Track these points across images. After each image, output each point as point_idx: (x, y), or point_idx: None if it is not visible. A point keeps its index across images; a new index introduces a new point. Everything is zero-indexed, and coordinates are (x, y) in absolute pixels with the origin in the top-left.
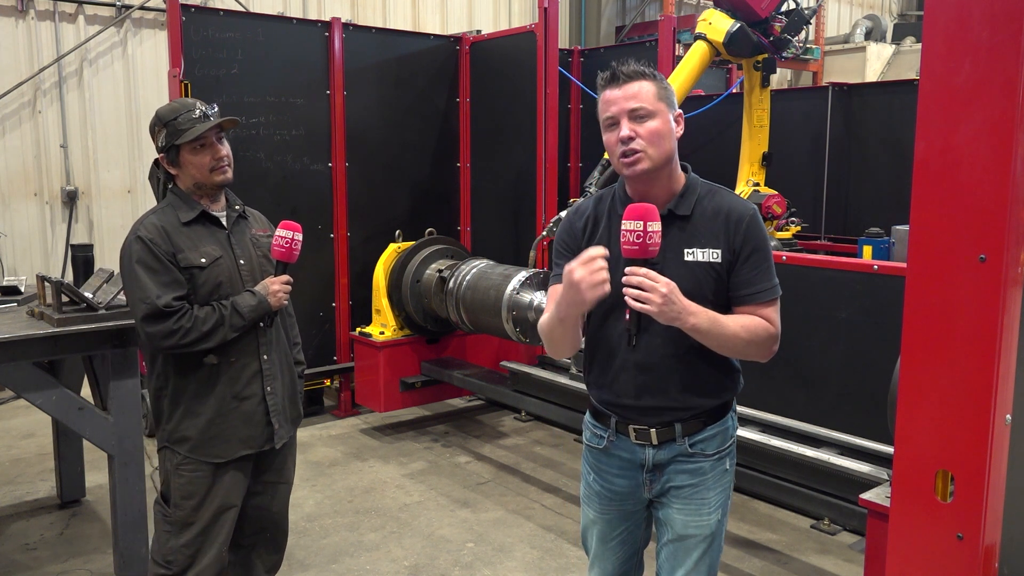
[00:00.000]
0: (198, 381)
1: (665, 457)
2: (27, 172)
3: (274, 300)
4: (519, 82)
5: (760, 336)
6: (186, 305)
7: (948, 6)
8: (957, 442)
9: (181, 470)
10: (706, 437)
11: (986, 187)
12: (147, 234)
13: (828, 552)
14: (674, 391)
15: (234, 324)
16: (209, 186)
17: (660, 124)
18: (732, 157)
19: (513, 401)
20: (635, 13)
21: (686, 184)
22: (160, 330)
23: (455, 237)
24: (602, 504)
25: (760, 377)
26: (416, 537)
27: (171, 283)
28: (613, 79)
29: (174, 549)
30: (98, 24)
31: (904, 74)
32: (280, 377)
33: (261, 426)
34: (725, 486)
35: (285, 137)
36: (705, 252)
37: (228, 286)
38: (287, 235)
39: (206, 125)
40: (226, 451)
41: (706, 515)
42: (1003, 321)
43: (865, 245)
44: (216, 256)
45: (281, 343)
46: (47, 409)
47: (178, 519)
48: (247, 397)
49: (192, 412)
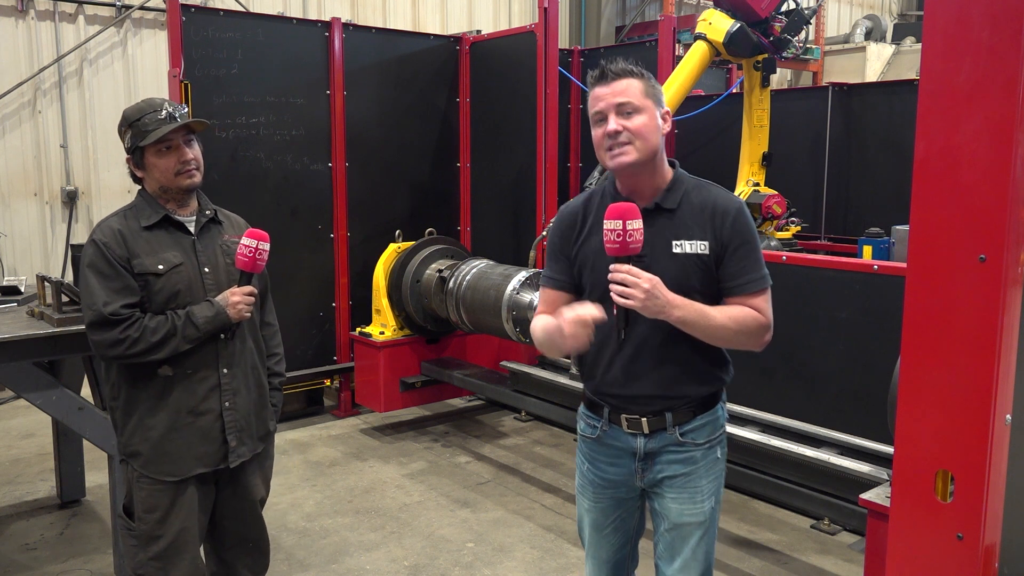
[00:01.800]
0: (151, 393)
1: (656, 446)
2: (27, 172)
3: (233, 312)
4: (519, 82)
5: (750, 326)
6: (136, 313)
7: (948, 6)
8: (957, 442)
9: (141, 483)
10: (696, 426)
11: (986, 187)
12: (102, 237)
13: (828, 552)
14: (664, 380)
15: (187, 335)
16: (175, 190)
17: (647, 119)
18: (732, 157)
19: (513, 401)
20: (635, 13)
21: (673, 179)
22: (106, 338)
23: (455, 237)
24: (596, 492)
25: (760, 377)
26: (416, 537)
27: (122, 290)
28: (602, 76)
29: (142, 563)
30: (98, 24)
31: (904, 74)
32: (244, 392)
33: (217, 443)
34: (717, 474)
35: (285, 137)
36: (692, 244)
37: (187, 295)
38: (251, 244)
39: (171, 126)
40: (179, 469)
41: (700, 503)
42: (1003, 321)
43: (865, 245)
44: (175, 263)
45: (247, 355)
46: (47, 409)
47: (142, 533)
48: (203, 412)
49: (144, 425)
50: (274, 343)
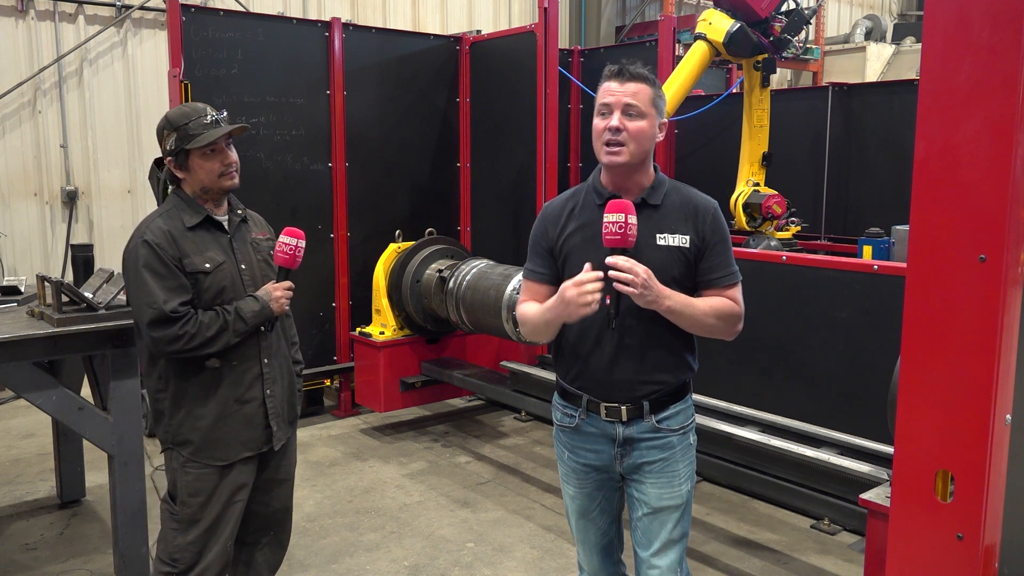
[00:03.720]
0: (200, 384)
1: (635, 433)
2: (27, 172)
3: (276, 306)
4: (519, 82)
5: (727, 315)
6: (191, 310)
7: (948, 6)
8: (957, 442)
9: (188, 468)
10: (671, 414)
11: (986, 187)
12: (154, 238)
13: (828, 552)
14: (645, 367)
15: (237, 329)
16: (216, 191)
17: (646, 126)
18: (732, 157)
19: (513, 401)
20: (635, 13)
21: (656, 179)
22: (166, 335)
23: (455, 237)
24: (579, 479)
25: (760, 377)
26: (416, 537)
27: (177, 288)
28: (619, 73)
29: (180, 547)
30: (98, 24)
31: (904, 74)
32: (280, 380)
33: (261, 428)
34: (691, 458)
35: (285, 137)
36: (675, 237)
37: (231, 291)
38: (291, 242)
39: (219, 131)
40: (228, 454)
41: (678, 486)
42: (1003, 321)
43: (865, 245)
44: (219, 261)
45: (281, 346)
46: (47, 409)
47: (185, 516)
48: (248, 400)
49: (194, 415)
50: (292, 333)
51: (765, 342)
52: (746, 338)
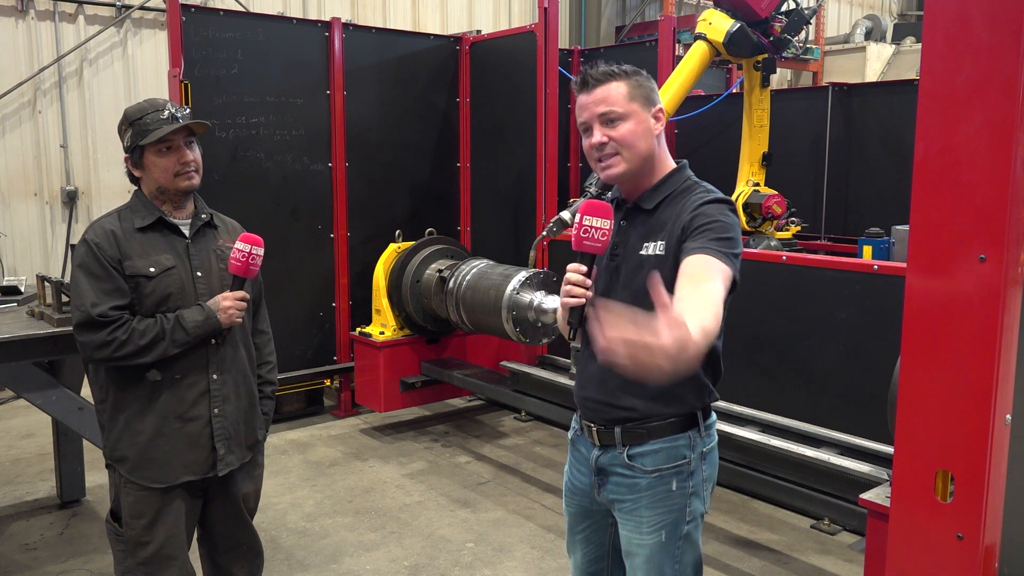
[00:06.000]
0: (139, 397)
1: (606, 462)
2: (27, 172)
3: (224, 317)
4: (519, 82)
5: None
6: (125, 315)
7: (948, 6)
8: (957, 442)
9: (128, 489)
10: (647, 451)
11: (986, 187)
12: (94, 237)
13: (828, 552)
14: (608, 387)
15: (176, 339)
16: (172, 191)
17: (633, 125)
18: (732, 157)
19: (513, 401)
20: (635, 13)
21: (663, 178)
22: (93, 340)
23: (455, 237)
24: (568, 496)
25: (760, 377)
26: (416, 537)
27: (113, 291)
28: (583, 84)
29: (131, 568)
30: (98, 24)
31: (904, 74)
32: (233, 399)
33: (206, 451)
34: (671, 507)
35: (285, 137)
36: (655, 246)
37: (179, 298)
38: (244, 248)
39: (172, 126)
40: (166, 475)
41: (644, 534)
42: (1003, 321)
43: (865, 245)
44: (167, 266)
45: (239, 362)
46: (47, 409)
47: (131, 538)
48: (192, 419)
49: (131, 430)
50: (267, 351)
51: (765, 342)
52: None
